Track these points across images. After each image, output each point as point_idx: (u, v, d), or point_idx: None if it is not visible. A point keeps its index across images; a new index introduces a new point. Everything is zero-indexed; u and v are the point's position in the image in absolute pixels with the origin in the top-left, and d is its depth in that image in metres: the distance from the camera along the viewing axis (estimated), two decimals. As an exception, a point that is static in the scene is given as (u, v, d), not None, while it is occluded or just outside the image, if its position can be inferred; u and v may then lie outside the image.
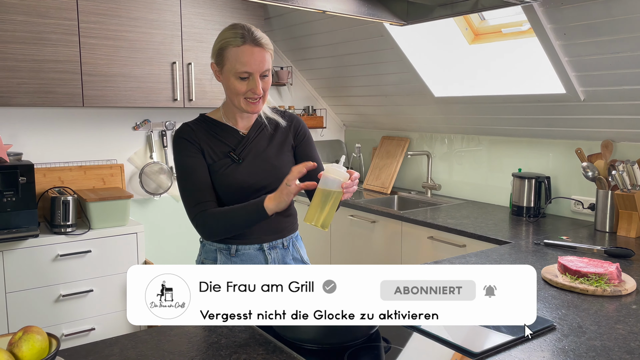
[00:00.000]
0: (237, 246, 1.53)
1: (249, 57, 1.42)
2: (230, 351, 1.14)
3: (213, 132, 1.53)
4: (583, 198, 2.58)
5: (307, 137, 1.63)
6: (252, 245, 1.54)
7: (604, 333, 1.26)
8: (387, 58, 3.06)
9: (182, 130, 1.52)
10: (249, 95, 1.45)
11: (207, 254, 1.58)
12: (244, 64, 1.42)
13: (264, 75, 1.45)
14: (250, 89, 1.43)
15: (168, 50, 2.88)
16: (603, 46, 2.11)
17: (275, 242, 1.58)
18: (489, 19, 2.82)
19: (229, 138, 1.53)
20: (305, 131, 1.63)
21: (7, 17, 2.40)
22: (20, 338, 0.99)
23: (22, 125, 2.78)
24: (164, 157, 3.25)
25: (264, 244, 1.55)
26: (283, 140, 1.58)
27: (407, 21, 2.15)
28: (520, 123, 2.80)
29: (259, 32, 1.45)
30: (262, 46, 1.43)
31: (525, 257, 1.93)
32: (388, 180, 3.48)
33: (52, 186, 2.82)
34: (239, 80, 1.44)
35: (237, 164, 1.50)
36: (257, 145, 1.54)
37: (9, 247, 2.41)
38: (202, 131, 1.52)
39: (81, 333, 2.61)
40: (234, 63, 1.43)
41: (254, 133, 1.55)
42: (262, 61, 1.43)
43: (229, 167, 1.49)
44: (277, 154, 1.55)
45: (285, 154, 1.57)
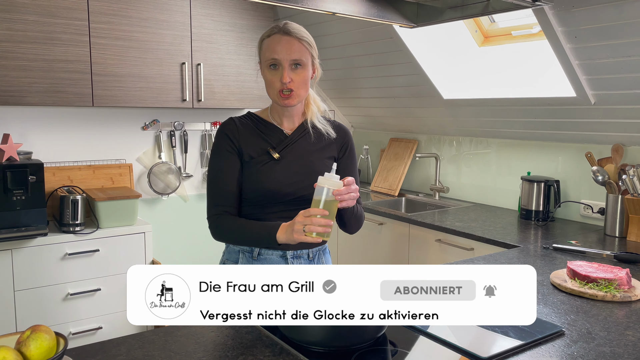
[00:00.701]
0: (259, 249, 1.51)
1: (276, 44, 1.44)
2: (236, 352, 1.14)
3: (257, 129, 1.53)
4: (593, 202, 2.56)
5: (351, 152, 1.61)
6: (275, 251, 1.51)
7: (614, 339, 1.24)
8: (396, 60, 3.05)
9: (226, 124, 1.53)
10: (279, 86, 1.45)
11: (229, 255, 1.57)
12: (272, 51, 1.44)
13: (296, 65, 1.45)
14: (280, 78, 1.44)
15: (177, 50, 2.89)
16: (614, 49, 2.09)
17: (300, 252, 1.53)
18: (499, 21, 2.81)
19: (272, 136, 1.52)
20: (352, 147, 1.61)
21: (19, 17, 2.42)
22: (28, 337, 1.00)
23: (33, 124, 2.80)
24: (172, 157, 3.26)
25: (288, 252, 1.51)
26: (327, 149, 1.56)
27: (417, 23, 2.14)
28: (530, 126, 2.79)
29: (293, 25, 1.47)
30: (290, 34, 1.45)
31: (533, 262, 1.92)
32: (396, 182, 3.47)
33: (61, 185, 2.84)
34: (270, 70, 1.46)
35: (275, 162, 1.48)
36: (299, 146, 1.53)
37: (18, 246, 2.43)
38: (246, 127, 1.53)
39: (88, 332, 2.62)
40: (265, 53, 1.46)
41: (298, 135, 1.54)
42: (290, 48, 1.44)
43: (266, 163, 1.48)
44: (319, 159, 1.53)
45: (326, 161, 1.54)
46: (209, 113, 3.30)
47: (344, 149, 1.59)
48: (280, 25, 1.46)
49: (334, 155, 1.57)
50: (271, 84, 1.47)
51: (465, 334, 1.25)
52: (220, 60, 3.03)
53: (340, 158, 1.59)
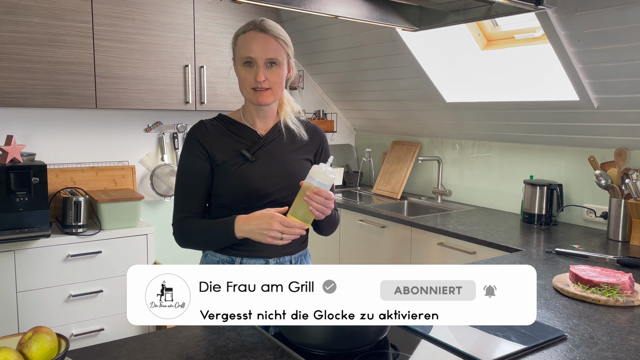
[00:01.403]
0: (241, 259, 1.48)
1: (251, 42, 1.40)
2: (238, 355, 1.14)
3: (229, 131, 1.49)
4: (596, 206, 2.55)
5: (326, 155, 1.60)
6: (257, 260, 1.48)
7: (616, 344, 1.24)
8: (398, 63, 3.05)
9: (196, 128, 1.50)
10: (253, 84, 1.41)
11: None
12: (247, 49, 1.40)
13: (272, 63, 1.41)
14: (254, 76, 1.41)
15: (181, 53, 2.90)
16: (617, 53, 2.09)
17: (282, 259, 1.51)
18: (501, 25, 2.81)
19: (245, 137, 1.49)
20: (327, 149, 1.61)
21: (23, 19, 2.43)
22: (30, 338, 1.00)
23: (36, 126, 2.81)
24: (175, 159, 3.27)
25: (270, 259, 1.49)
26: (302, 150, 1.54)
27: (420, 27, 2.14)
28: (533, 130, 2.78)
29: (270, 22, 1.44)
30: (267, 31, 1.41)
31: (536, 265, 1.91)
32: (398, 185, 3.47)
33: (64, 187, 2.85)
34: (244, 67, 1.42)
35: (249, 163, 1.45)
36: (274, 147, 1.49)
37: (21, 247, 2.43)
38: (217, 130, 1.49)
39: (90, 333, 2.63)
40: (240, 50, 1.42)
41: (272, 135, 1.51)
42: (265, 47, 1.40)
43: (240, 165, 1.44)
44: (295, 160, 1.51)
45: (302, 162, 1.53)
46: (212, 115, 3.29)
47: (319, 151, 1.58)
48: (257, 22, 1.42)
49: (309, 157, 1.55)
50: (244, 81, 1.43)
51: (467, 338, 1.25)
52: (223, 63, 3.03)
53: (317, 161, 1.57)
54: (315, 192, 1.31)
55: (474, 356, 1.15)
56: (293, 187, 1.41)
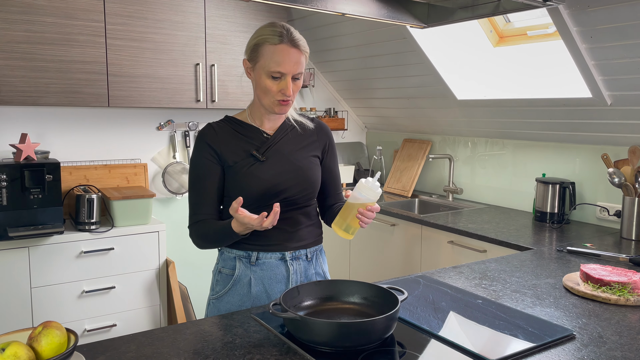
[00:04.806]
0: (257, 253, 1.49)
1: (284, 57, 1.40)
2: (244, 351, 1.15)
3: (237, 132, 1.51)
4: (609, 205, 2.52)
5: (333, 150, 1.64)
6: (273, 254, 1.50)
7: (625, 344, 1.22)
8: (409, 60, 3.04)
9: (204, 131, 1.51)
10: (279, 97, 1.43)
11: (225, 262, 1.54)
12: (279, 64, 1.40)
13: (296, 78, 1.44)
14: (281, 89, 1.42)
15: (192, 51, 2.92)
16: (631, 49, 2.06)
17: (298, 253, 1.53)
18: (514, 21, 2.78)
19: (254, 138, 1.50)
20: (333, 145, 1.64)
21: (37, 18, 2.46)
22: (39, 333, 1.02)
23: (50, 124, 2.85)
24: (186, 157, 3.29)
25: (287, 253, 1.51)
26: (310, 147, 1.56)
27: (428, 24, 2.13)
28: (545, 127, 2.76)
29: (297, 34, 1.44)
30: (298, 47, 1.42)
31: (547, 264, 1.90)
32: (409, 183, 3.46)
33: (77, 184, 2.89)
34: (271, 79, 1.42)
35: (260, 163, 1.47)
36: (282, 146, 1.51)
37: (35, 243, 2.47)
38: (225, 132, 1.50)
39: (103, 329, 2.66)
40: (269, 61, 1.40)
41: (280, 135, 1.53)
42: (297, 63, 1.42)
43: (251, 166, 1.46)
44: (303, 157, 1.53)
45: (311, 158, 1.55)
46: (223, 113, 3.32)
47: (327, 148, 1.61)
48: (286, 33, 1.41)
49: (317, 154, 1.58)
50: (269, 91, 1.43)
51: (475, 337, 1.25)
52: (234, 61, 3.05)
53: (324, 157, 1.61)
54: (369, 209, 1.38)
55: (481, 355, 1.14)
56: (304, 183, 1.49)
